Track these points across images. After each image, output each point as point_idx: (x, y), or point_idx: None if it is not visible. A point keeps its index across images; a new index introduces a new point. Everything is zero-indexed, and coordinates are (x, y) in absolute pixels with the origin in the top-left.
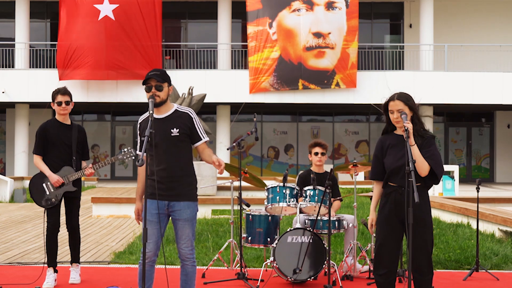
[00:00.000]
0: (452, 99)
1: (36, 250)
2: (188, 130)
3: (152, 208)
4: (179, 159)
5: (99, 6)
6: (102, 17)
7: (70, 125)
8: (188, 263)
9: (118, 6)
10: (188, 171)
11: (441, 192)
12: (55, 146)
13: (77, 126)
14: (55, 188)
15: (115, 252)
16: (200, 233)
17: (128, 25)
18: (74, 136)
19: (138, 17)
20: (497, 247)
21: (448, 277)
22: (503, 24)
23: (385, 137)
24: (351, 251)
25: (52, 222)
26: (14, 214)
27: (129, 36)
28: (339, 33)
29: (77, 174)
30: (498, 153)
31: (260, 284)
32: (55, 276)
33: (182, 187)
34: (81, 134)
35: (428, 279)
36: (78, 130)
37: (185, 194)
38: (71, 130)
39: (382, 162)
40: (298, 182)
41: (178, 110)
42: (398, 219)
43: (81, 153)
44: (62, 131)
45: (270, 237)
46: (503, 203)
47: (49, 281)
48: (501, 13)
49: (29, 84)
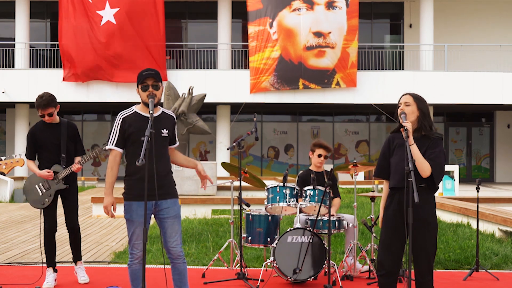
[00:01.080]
0: (452, 99)
1: (36, 250)
2: (171, 132)
3: (140, 210)
4: (165, 158)
5: (101, 12)
6: (104, 22)
7: (58, 123)
8: (179, 261)
9: (119, 9)
10: (170, 170)
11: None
12: (44, 148)
13: (66, 122)
14: (47, 188)
15: (115, 252)
16: (200, 233)
17: (129, 27)
18: (63, 134)
19: (139, 19)
20: (497, 247)
21: (448, 277)
22: (503, 24)
23: (394, 136)
24: (351, 251)
25: (49, 222)
26: (14, 214)
27: (131, 37)
28: (339, 32)
29: (65, 171)
30: (498, 153)
31: (260, 284)
32: (55, 276)
33: (168, 185)
34: (70, 130)
35: (428, 280)
36: (67, 126)
37: (171, 192)
38: (60, 128)
39: (389, 160)
40: (298, 182)
41: (165, 112)
42: (402, 219)
43: (73, 149)
44: (50, 132)
45: (270, 237)
46: (503, 203)
47: (49, 281)
48: (501, 13)
49: (29, 84)
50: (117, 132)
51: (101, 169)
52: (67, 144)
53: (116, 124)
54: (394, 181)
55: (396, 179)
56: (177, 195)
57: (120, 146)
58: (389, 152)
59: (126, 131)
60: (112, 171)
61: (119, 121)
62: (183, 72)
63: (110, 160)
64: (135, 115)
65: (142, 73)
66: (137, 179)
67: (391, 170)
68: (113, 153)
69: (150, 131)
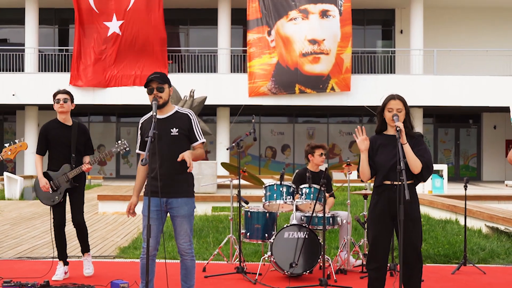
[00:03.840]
0: (441, 101)
1: (45, 245)
2: (186, 130)
3: (152, 205)
4: (177, 158)
5: (108, 24)
6: (111, 33)
7: (70, 126)
8: (187, 258)
9: (124, 21)
10: (185, 169)
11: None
12: (55, 146)
13: (77, 124)
14: (57, 187)
15: (120, 247)
16: (201, 229)
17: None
18: (74, 135)
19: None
20: (484, 242)
21: (437, 271)
22: (489, 30)
23: (375, 137)
24: (345, 246)
25: (58, 218)
26: (24, 211)
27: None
28: (333, 39)
29: (75, 171)
30: (485, 153)
31: (258, 278)
32: (66, 268)
33: (179, 184)
34: (81, 132)
35: (417, 271)
36: (78, 128)
37: (183, 191)
38: (71, 130)
39: (372, 160)
40: (295, 178)
41: (178, 112)
42: (390, 216)
43: (82, 150)
44: (62, 132)
45: (267, 233)
46: (489, 200)
47: (58, 274)
48: (488, 19)
49: (38, 87)
50: (138, 136)
51: (107, 168)
52: (77, 145)
53: (138, 129)
54: (381, 179)
55: (387, 177)
56: (191, 194)
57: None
58: (372, 152)
59: (143, 135)
60: (139, 174)
61: (139, 127)
62: (185, 75)
63: (139, 164)
64: (150, 118)
65: (148, 77)
66: (152, 177)
67: (377, 169)
68: (141, 157)
69: (153, 131)
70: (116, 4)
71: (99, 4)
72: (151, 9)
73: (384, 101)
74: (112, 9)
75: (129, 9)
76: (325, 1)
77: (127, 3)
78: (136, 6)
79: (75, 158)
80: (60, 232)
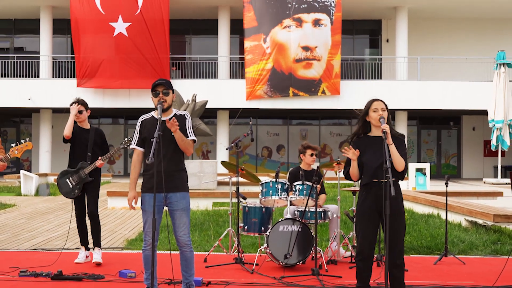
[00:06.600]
0: (424, 105)
1: (59, 237)
2: (182, 130)
3: (152, 201)
4: (175, 155)
5: (114, 24)
6: (116, 34)
7: (88, 129)
8: (186, 249)
9: (131, 24)
10: (182, 166)
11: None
12: (76, 146)
13: (95, 129)
14: (76, 182)
15: (127, 240)
16: (202, 222)
17: (139, 41)
18: (91, 137)
19: (148, 34)
20: (463, 235)
21: (420, 261)
22: (468, 39)
23: (356, 142)
24: (335, 238)
25: (79, 209)
26: (39, 206)
27: (140, 50)
28: (324, 47)
29: (90, 167)
30: (464, 152)
31: (255, 268)
32: (87, 253)
33: (177, 180)
34: (97, 135)
35: (401, 262)
36: (95, 132)
37: (180, 186)
38: (88, 133)
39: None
40: (288, 178)
41: (176, 114)
42: (377, 211)
43: (98, 150)
44: (81, 134)
45: (264, 226)
46: (468, 196)
47: (80, 257)
48: (467, 29)
49: (52, 92)
50: (137, 133)
51: (116, 166)
52: (93, 146)
53: (137, 127)
54: (369, 177)
55: (370, 176)
56: (187, 189)
57: (141, 146)
58: (360, 154)
59: (143, 133)
60: (135, 168)
61: (139, 124)
62: (187, 81)
63: (133, 158)
64: (152, 119)
65: (154, 83)
66: (150, 174)
67: (365, 169)
68: (135, 152)
69: (158, 133)
70: (123, 6)
71: (106, 5)
72: (157, 17)
73: (367, 104)
74: (118, 11)
75: (137, 13)
76: (318, 10)
77: (135, 8)
78: (144, 11)
79: (91, 157)
80: (81, 221)
